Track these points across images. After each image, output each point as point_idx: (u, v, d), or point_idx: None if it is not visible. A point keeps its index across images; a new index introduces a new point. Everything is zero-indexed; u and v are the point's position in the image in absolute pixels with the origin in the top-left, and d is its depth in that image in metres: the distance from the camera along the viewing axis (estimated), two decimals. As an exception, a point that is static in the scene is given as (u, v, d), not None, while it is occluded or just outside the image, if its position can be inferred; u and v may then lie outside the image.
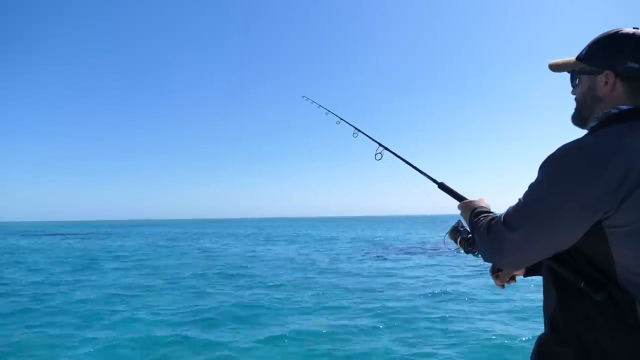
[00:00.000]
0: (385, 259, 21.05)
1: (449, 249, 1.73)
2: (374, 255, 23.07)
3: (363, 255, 22.76)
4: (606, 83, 1.33)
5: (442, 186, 1.98)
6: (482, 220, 1.46)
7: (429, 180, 2.09)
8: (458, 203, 1.77)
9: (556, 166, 1.25)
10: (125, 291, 12.83)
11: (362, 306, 10.07)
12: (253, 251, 26.79)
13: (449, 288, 12.33)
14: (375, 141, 2.52)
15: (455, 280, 13.72)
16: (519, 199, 1.31)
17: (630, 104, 1.30)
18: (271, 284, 13.79)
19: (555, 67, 1.47)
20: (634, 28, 1.33)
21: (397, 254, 23.14)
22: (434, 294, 11.55)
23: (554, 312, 1.32)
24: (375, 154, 2.44)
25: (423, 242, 31.32)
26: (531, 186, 1.30)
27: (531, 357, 1.38)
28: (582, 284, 1.22)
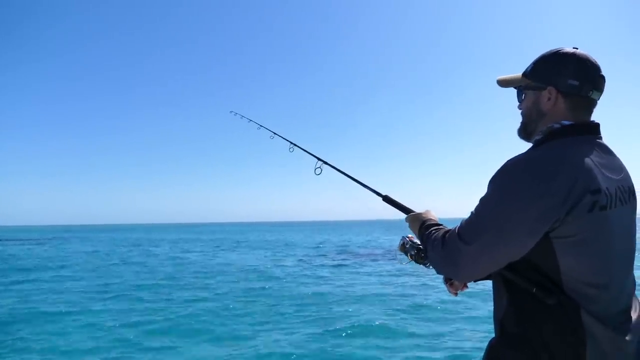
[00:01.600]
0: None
1: (400, 262, 1.73)
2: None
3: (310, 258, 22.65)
4: (549, 99, 1.42)
5: (387, 199, 1.99)
6: (434, 233, 1.48)
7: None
8: (405, 215, 1.77)
9: (506, 180, 1.30)
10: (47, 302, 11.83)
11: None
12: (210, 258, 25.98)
13: (401, 293, 12.44)
14: (314, 155, 2.47)
15: (406, 286, 13.83)
16: (472, 212, 1.35)
17: (571, 119, 1.39)
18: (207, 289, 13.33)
19: (503, 83, 1.55)
20: (573, 48, 1.42)
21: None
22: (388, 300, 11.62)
23: (504, 317, 1.38)
24: (315, 169, 2.41)
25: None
26: (482, 200, 1.34)
27: None
28: (535, 290, 1.28)
